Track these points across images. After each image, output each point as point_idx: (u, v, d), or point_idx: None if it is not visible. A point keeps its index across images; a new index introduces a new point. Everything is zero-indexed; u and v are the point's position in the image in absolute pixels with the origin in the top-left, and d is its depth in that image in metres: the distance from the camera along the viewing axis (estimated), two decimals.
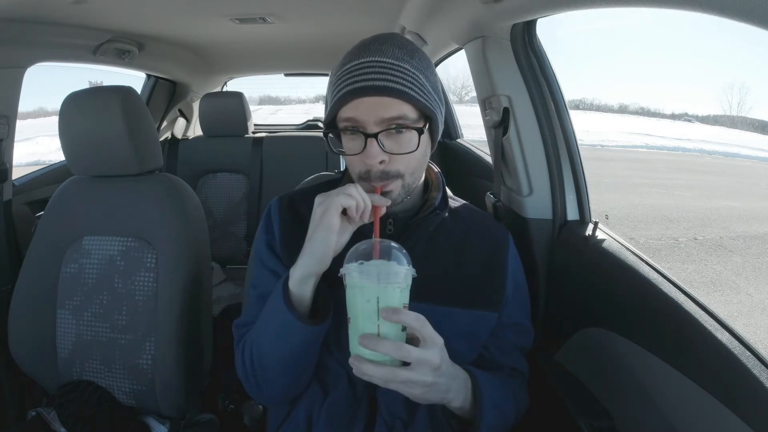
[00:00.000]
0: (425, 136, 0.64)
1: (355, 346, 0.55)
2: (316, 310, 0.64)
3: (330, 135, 0.66)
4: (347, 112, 0.61)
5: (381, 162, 0.61)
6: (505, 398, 0.69)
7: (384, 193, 0.63)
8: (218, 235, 2.05)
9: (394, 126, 0.60)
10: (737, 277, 3.85)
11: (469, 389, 0.61)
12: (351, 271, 0.54)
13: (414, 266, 0.70)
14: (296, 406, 0.72)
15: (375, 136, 0.60)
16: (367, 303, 0.54)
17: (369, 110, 0.59)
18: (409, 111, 0.61)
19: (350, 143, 0.63)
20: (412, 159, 0.63)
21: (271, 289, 0.71)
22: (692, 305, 0.63)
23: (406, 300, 0.56)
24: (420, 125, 0.62)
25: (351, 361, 0.54)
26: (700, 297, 0.64)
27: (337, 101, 0.61)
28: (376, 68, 0.59)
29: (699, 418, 0.58)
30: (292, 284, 0.60)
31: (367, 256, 0.55)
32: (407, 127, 0.61)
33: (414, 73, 0.61)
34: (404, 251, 0.57)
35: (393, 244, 0.57)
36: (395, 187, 0.64)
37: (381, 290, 0.53)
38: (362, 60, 0.61)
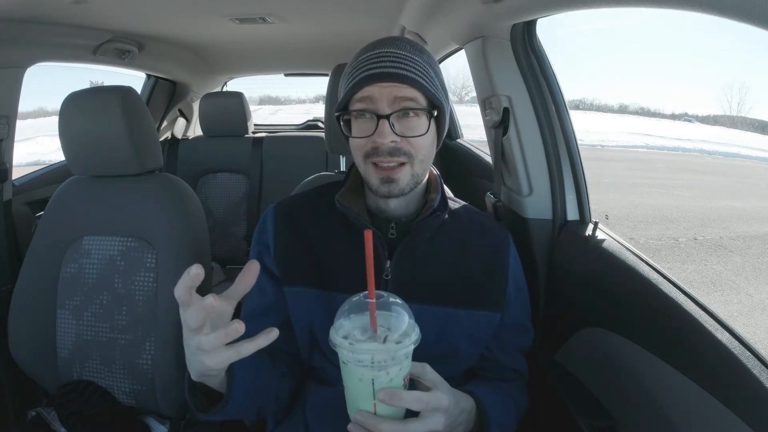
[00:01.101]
0: (433, 126, 0.65)
1: (351, 411, 0.52)
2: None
3: (342, 118, 0.67)
4: (361, 93, 0.63)
5: (392, 142, 0.62)
6: (508, 413, 0.69)
7: (392, 180, 0.64)
8: (218, 235, 2.05)
9: (405, 109, 0.62)
10: (737, 277, 3.85)
11: (474, 411, 0.61)
12: (341, 350, 0.48)
13: (416, 269, 0.69)
14: (295, 406, 0.72)
15: (387, 117, 0.61)
16: (360, 382, 0.49)
17: (382, 91, 0.62)
18: (419, 97, 0.63)
19: (362, 125, 0.64)
20: (421, 145, 0.65)
21: (257, 306, 0.72)
22: (692, 305, 0.63)
23: (408, 368, 0.51)
24: (429, 110, 0.64)
25: (350, 427, 0.51)
26: (700, 297, 0.64)
27: (352, 86, 0.63)
28: (391, 58, 0.63)
29: (699, 418, 0.58)
30: (194, 377, 0.53)
31: (362, 309, 0.50)
32: (418, 110, 0.63)
33: (424, 66, 0.65)
34: (406, 306, 0.51)
35: (393, 298, 0.51)
36: (403, 173, 0.65)
37: (376, 374, 0.48)
38: (377, 51, 0.64)
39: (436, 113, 0.65)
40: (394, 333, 0.49)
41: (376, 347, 0.47)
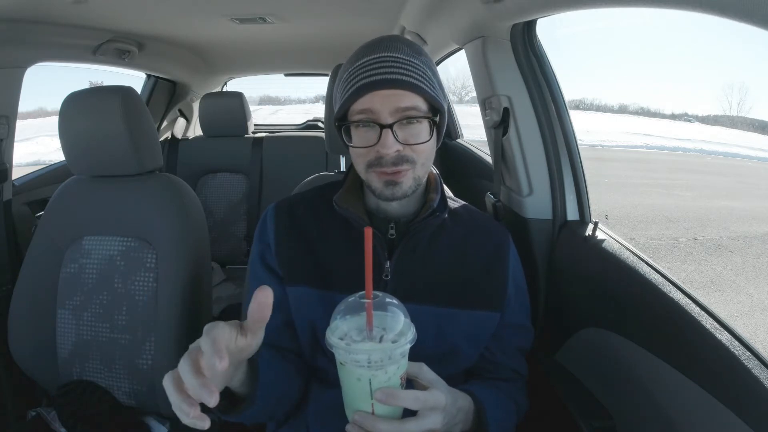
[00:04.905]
0: (434, 129, 0.65)
1: (349, 412, 0.51)
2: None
3: (342, 126, 0.66)
4: (361, 105, 0.62)
5: (396, 151, 0.62)
6: (507, 413, 0.69)
7: (395, 183, 0.64)
8: (218, 235, 2.05)
9: (407, 117, 0.62)
10: (737, 277, 3.85)
11: (472, 410, 0.61)
12: (338, 350, 0.48)
13: (416, 269, 0.69)
14: (297, 408, 0.72)
15: (390, 126, 0.61)
16: (358, 382, 0.49)
17: (384, 102, 0.61)
18: (420, 103, 0.62)
19: (363, 135, 0.63)
20: (424, 149, 0.65)
21: None
22: (692, 305, 0.63)
23: (405, 367, 0.51)
24: (431, 116, 0.64)
25: (348, 428, 0.51)
26: (700, 297, 0.64)
27: (351, 95, 0.62)
28: (389, 63, 0.61)
29: (699, 418, 0.58)
30: None
31: (358, 309, 0.49)
32: (420, 118, 0.62)
33: (423, 68, 0.64)
34: (402, 306, 0.51)
35: (389, 299, 0.51)
36: (406, 177, 0.64)
37: (374, 373, 0.48)
38: (375, 56, 0.62)
39: (437, 118, 0.64)
40: (389, 333, 0.49)
41: (373, 347, 0.47)
